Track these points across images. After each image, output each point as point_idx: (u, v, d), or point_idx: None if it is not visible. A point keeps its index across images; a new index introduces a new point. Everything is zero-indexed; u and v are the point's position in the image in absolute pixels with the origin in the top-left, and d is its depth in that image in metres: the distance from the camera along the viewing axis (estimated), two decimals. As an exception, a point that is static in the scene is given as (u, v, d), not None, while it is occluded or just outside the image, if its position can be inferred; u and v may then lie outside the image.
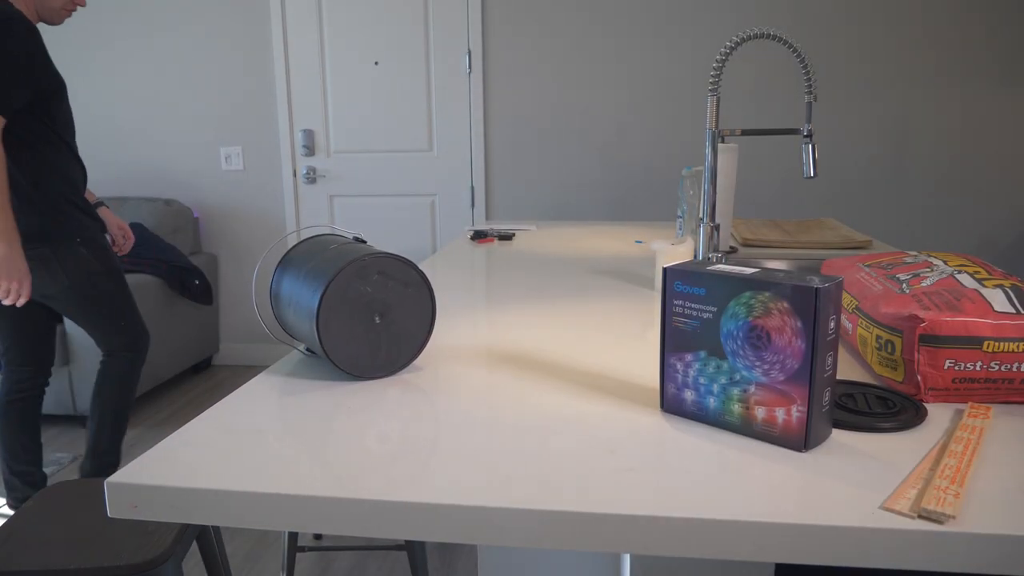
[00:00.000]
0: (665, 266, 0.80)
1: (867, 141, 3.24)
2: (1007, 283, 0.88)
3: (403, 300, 0.97)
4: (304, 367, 1.00)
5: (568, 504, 0.63)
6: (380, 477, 0.68)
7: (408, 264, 0.97)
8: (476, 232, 2.07)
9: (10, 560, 1.17)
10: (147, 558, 1.17)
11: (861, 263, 1.08)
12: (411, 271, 0.97)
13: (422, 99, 3.48)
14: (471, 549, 2.16)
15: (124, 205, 3.57)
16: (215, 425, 0.81)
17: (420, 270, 0.98)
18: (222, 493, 0.67)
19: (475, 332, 1.15)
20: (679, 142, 3.35)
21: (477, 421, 0.81)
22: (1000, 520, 0.59)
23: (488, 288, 1.46)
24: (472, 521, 0.64)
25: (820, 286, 0.69)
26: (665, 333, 0.81)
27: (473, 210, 3.53)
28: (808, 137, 1.46)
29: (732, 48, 1.41)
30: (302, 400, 0.88)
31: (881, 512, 0.61)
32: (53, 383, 3.00)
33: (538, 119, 3.41)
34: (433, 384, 0.93)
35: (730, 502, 0.63)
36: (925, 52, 3.14)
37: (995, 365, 0.80)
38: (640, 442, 0.75)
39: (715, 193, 1.51)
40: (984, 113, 3.16)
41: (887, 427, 0.76)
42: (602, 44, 3.31)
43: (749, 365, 0.74)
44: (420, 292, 0.99)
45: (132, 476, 0.69)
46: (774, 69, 3.23)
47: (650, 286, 1.45)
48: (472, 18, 3.36)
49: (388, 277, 0.96)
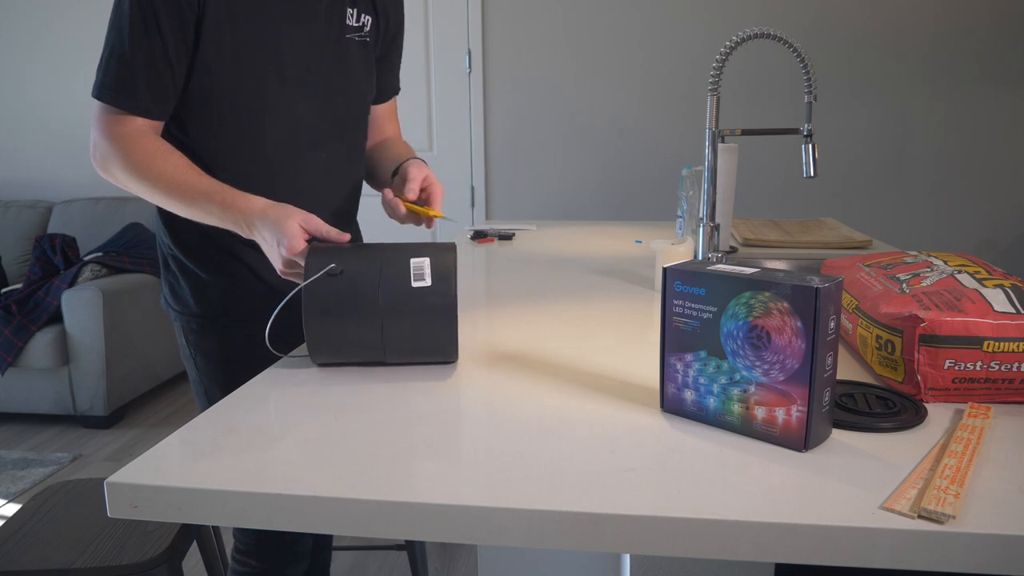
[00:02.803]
0: (665, 266, 0.80)
1: (867, 141, 3.24)
2: (1007, 283, 0.88)
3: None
4: (304, 367, 1.00)
5: (568, 504, 0.63)
6: (380, 477, 0.68)
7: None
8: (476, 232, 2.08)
9: (10, 560, 1.17)
10: (147, 558, 1.17)
11: (861, 263, 1.08)
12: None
13: (422, 99, 3.48)
14: (471, 549, 2.16)
15: (125, 205, 3.57)
16: (215, 425, 0.81)
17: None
18: (222, 493, 0.67)
19: (475, 332, 1.15)
20: (679, 142, 3.34)
21: (477, 421, 0.81)
22: (1000, 520, 0.59)
23: (488, 288, 1.46)
24: (472, 521, 0.64)
25: (820, 286, 0.69)
26: (665, 333, 0.81)
27: (473, 210, 3.53)
28: (808, 137, 1.46)
29: (732, 48, 1.41)
30: (302, 400, 0.88)
31: (881, 512, 0.61)
32: (53, 383, 3.00)
33: (538, 119, 3.41)
34: (433, 384, 0.93)
35: (730, 502, 0.63)
36: (925, 52, 3.14)
37: (995, 365, 0.80)
38: (640, 442, 0.75)
39: (715, 193, 1.51)
40: (984, 113, 3.16)
41: (887, 427, 0.76)
42: (602, 44, 3.31)
43: (749, 365, 0.74)
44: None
45: (132, 476, 0.69)
46: (774, 69, 3.23)
47: (650, 286, 1.45)
48: (472, 18, 3.36)
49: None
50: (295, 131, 1.17)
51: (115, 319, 3.01)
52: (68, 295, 2.96)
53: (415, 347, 0.96)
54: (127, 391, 3.13)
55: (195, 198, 1.05)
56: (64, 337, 2.97)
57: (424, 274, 0.94)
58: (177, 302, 1.22)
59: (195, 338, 1.21)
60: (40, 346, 2.94)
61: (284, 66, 1.13)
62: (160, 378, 3.35)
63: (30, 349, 2.95)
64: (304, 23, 1.14)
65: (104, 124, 1.08)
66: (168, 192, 1.06)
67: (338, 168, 1.24)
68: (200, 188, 1.05)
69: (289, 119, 1.16)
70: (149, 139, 1.08)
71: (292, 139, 1.17)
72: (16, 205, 3.60)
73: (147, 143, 1.07)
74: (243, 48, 1.10)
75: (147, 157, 1.06)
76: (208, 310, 1.20)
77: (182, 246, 1.20)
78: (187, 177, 1.06)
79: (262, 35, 1.11)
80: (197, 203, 1.05)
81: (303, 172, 1.19)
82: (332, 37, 1.18)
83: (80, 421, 3.10)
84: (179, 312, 1.22)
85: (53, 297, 3.01)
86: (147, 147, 1.07)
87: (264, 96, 1.13)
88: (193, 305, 1.20)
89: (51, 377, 3.00)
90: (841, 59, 3.19)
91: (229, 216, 1.04)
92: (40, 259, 3.17)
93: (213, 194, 1.05)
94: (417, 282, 0.94)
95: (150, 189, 1.07)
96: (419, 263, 0.94)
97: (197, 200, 1.05)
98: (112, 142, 1.07)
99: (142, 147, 1.07)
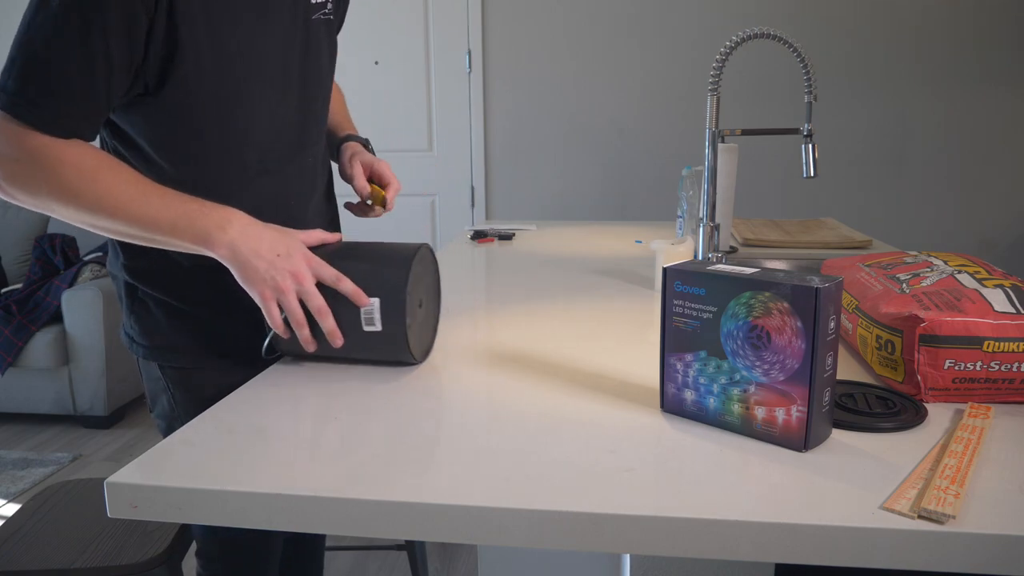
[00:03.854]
0: (665, 266, 0.80)
1: (867, 141, 3.24)
2: (1007, 283, 0.88)
3: (431, 289, 1.05)
4: (304, 367, 1.00)
5: (568, 504, 0.63)
6: (380, 477, 0.68)
7: (433, 256, 1.05)
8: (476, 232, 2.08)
9: (10, 560, 1.17)
10: (147, 558, 1.17)
11: (861, 263, 1.08)
12: (435, 263, 1.07)
13: (422, 99, 3.48)
14: (471, 549, 2.16)
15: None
16: (215, 425, 0.81)
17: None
18: (222, 493, 0.67)
19: (475, 332, 1.15)
20: (679, 142, 3.34)
21: (477, 421, 0.81)
22: (1000, 520, 0.59)
23: (488, 288, 1.46)
24: (472, 521, 0.64)
25: (820, 286, 0.69)
26: (665, 333, 0.81)
27: (473, 210, 3.53)
28: (808, 137, 1.46)
29: (732, 48, 1.41)
30: (302, 400, 0.88)
31: (881, 512, 0.61)
32: (53, 383, 3.00)
33: (538, 119, 3.41)
34: (433, 384, 0.93)
35: (730, 502, 0.63)
36: (925, 52, 3.14)
37: (995, 365, 0.80)
38: (640, 442, 0.75)
39: (715, 193, 1.51)
40: (984, 113, 3.16)
41: (887, 427, 0.76)
42: (602, 44, 3.31)
43: (749, 365, 0.74)
44: (437, 281, 1.09)
45: (132, 476, 0.69)
46: (774, 69, 3.23)
47: (650, 286, 1.45)
48: (472, 18, 3.36)
49: (431, 266, 1.05)
50: (280, 136, 1.06)
51: (115, 319, 3.01)
52: (68, 295, 2.96)
53: (370, 348, 0.97)
54: (127, 391, 3.13)
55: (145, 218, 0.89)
56: (64, 337, 2.97)
57: (374, 319, 0.93)
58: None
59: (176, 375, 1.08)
60: (40, 346, 2.94)
61: (264, 71, 1.01)
62: (160, 378, 3.35)
63: (30, 349, 2.95)
64: (276, 21, 1.02)
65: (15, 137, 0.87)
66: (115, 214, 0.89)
67: (321, 165, 1.17)
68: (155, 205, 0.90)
69: (272, 126, 1.04)
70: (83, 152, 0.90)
71: (278, 146, 1.06)
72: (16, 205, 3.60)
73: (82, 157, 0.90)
74: (224, 59, 0.96)
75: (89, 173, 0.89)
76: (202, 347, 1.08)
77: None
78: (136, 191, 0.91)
79: (241, 42, 0.97)
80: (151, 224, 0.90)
81: (291, 179, 1.09)
82: (300, 25, 1.05)
83: (80, 421, 3.10)
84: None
85: (53, 297, 3.01)
86: (82, 162, 0.89)
87: (249, 106, 1.00)
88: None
89: (51, 377, 3.00)
90: (841, 59, 3.18)
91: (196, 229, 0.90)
92: (40, 259, 3.17)
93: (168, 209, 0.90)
94: (368, 327, 0.94)
95: (91, 214, 0.89)
96: (368, 310, 0.93)
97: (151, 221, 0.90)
98: (36, 158, 0.87)
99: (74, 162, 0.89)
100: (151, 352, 1.08)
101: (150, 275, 1.05)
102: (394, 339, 0.94)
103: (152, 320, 1.07)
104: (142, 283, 1.05)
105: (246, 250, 0.90)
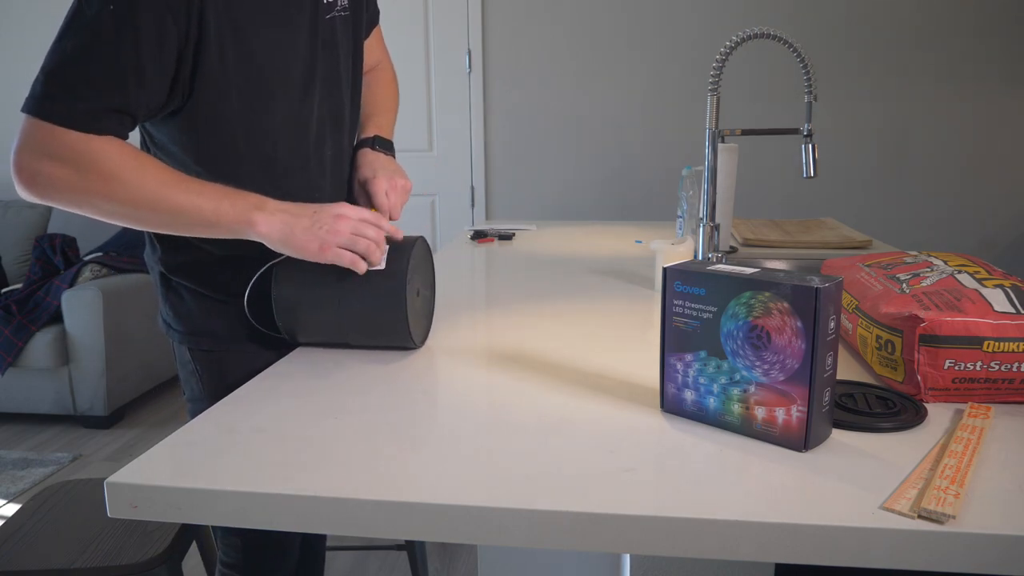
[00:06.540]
0: (665, 266, 0.80)
1: (867, 141, 3.24)
2: (1007, 283, 0.88)
3: (427, 279, 1.13)
4: (304, 366, 1.00)
5: (568, 504, 0.63)
6: (380, 477, 0.68)
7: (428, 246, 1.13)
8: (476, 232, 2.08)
9: (10, 560, 1.17)
10: (147, 558, 1.17)
11: (861, 263, 1.08)
12: (431, 260, 1.15)
13: (422, 99, 3.48)
14: (471, 549, 2.16)
15: (124, 205, 3.57)
16: (215, 425, 0.81)
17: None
18: (222, 493, 0.67)
19: (475, 332, 1.15)
20: (679, 142, 3.34)
21: (477, 421, 0.81)
22: (1000, 520, 0.59)
23: (488, 288, 1.46)
24: (472, 521, 0.64)
25: (820, 286, 0.69)
26: (665, 333, 0.81)
27: (473, 210, 3.53)
28: (808, 137, 1.46)
29: (732, 48, 1.41)
30: (302, 400, 0.88)
31: (881, 512, 0.61)
32: (53, 383, 3.00)
33: (538, 119, 3.41)
34: (433, 384, 0.93)
35: (730, 502, 0.63)
36: (925, 52, 3.14)
37: (995, 365, 0.80)
38: (640, 442, 0.75)
39: (715, 193, 1.51)
40: (984, 113, 3.16)
41: (887, 427, 0.76)
42: (602, 44, 3.31)
43: (749, 365, 0.74)
44: (431, 273, 1.16)
45: (132, 476, 0.69)
46: (774, 69, 3.23)
47: (650, 286, 1.45)
48: (472, 18, 3.36)
49: (426, 257, 1.12)
50: (303, 133, 1.11)
51: (115, 319, 3.01)
52: (68, 295, 2.96)
53: (371, 328, 1.03)
54: (127, 391, 3.13)
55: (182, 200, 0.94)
56: (64, 337, 2.97)
57: (381, 259, 1.02)
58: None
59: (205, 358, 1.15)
60: (40, 346, 2.94)
61: (287, 74, 1.07)
62: (160, 378, 3.35)
63: (30, 349, 2.94)
64: (297, 25, 1.07)
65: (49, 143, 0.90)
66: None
67: (346, 157, 1.22)
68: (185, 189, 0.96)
69: (296, 124, 1.09)
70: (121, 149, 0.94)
71: (302, 144, 1.11)
72: (16, 205, 3.60)
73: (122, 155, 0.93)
74: (252, 68, 1.01)
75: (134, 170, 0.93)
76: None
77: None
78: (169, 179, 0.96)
79: (266, 50, 1.02)
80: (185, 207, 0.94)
81: (312, 174, 1.14)
82: (317, 25, 1.11)
83: (80, 421, 3.10)
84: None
85: (53, 297, 3.01)
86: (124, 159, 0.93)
87: (274, 108, 1.05)
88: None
89: (51, 377, 3.00)
90: (841, 59, 3.18)
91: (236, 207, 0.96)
92: (40, 259, 3.17)
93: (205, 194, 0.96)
94: (373, 266, 1.01)
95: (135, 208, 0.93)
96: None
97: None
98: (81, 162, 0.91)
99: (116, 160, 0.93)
100: (185, 337, 1.15)
101: (183, 267, 1.12)
102: (394, 278, 1.00)
103: (185, 307, 1.14)
104: (175, 274, 1.13)
105: (286, 219, 0.98)
